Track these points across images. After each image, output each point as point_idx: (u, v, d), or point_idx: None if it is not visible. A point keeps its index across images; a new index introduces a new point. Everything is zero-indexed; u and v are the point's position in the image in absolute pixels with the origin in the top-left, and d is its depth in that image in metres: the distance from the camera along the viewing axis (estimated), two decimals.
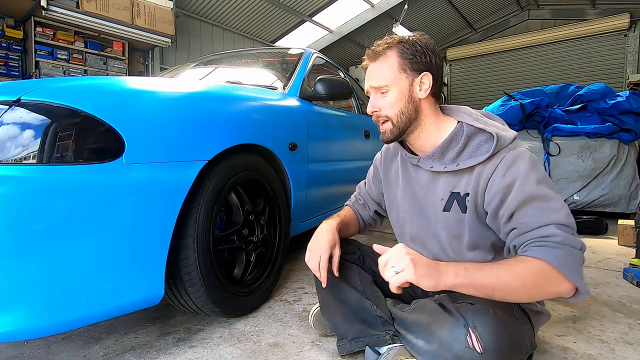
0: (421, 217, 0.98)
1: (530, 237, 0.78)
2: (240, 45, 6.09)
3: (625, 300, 1.51)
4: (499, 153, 0.83)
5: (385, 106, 0.91)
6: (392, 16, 6.62)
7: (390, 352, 0.91)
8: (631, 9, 6.20)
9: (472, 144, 0.87)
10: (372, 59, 0.92)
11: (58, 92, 0.87)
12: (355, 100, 2.81)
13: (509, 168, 0.81)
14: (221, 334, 1.19)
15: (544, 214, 0.78)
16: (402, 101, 0.90)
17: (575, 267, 0.74)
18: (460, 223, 0.89)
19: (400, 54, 0.89)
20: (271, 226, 1.47)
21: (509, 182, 0.80)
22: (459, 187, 0.88)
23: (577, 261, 0.75)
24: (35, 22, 3.74)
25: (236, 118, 1.28)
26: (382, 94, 0.91)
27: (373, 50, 0.92)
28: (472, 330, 0.76)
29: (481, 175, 0.84)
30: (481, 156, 0.84)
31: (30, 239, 0.77)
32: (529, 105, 3.42)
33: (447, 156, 0.90)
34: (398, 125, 0.91)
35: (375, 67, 0.92)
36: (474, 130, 0.88)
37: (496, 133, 0.84)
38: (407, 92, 0.89)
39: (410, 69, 0.89)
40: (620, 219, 2.72)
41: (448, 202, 0.90)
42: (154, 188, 0.95)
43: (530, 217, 0.78)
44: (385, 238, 2.54)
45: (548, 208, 0.78)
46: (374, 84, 0.92)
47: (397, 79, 0.89)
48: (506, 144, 0.84)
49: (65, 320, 0.84)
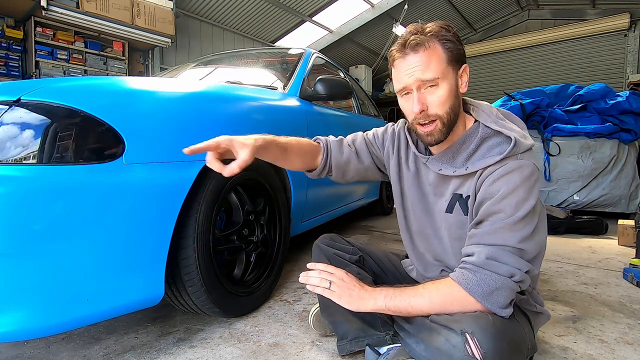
0: (426, 214, 0.96)
1: (465, 251, 0.80)
2: (240, 45, 6.09)
3: (625, 300, 1.51)
4: (507, 159, 0.80)
5: (435, 104, 0.80)
6: (392, 16, 6.63)
7: (390, 352, 0.91)
8: (631, 9, 6.20)
9: (485, 146, 0.83)
10: (414, 49, 0.79)
11: (58, 92, 0.87)
12: (355, 100, 2.81)
13: (502, 177, 0.78)
14: (221, 334, 1.19)
15: (501, 234, 0.76)
16: (452, 97, 0.81)
17: (489, 291, 0.74)
18: (462, 225, 0.88)
19: (444, 44, 0.79)
20: (271, 226, 1.47)
21: (494, 190, 0.78)
22: (463, 189, 0.87)
23: (496, 287, 0.74)
24: (35, 22, 3.74)
25: (236, 118, 1.28)
26: (429, 89, 0.80)
27: (414, 39, 0.79)
28: (471, 337, 0.73)
29: (480, 177, 0.83)
30: (491, 158, 0.81)
31: (30, 239, 0.77)
32: (529, 105, 3.42)
33: (458, 159, 0.86)
34: (448, 124, 0.82)
35: (418, 60, 0.79)
36: (490, 133, 0.84)
37: (515, 138, 0.79)
38: (455, 87, 0.82)
39: (455, 61, 0.81)
40: (620, 219, 2.72)
41: (450, 204, 0.89)
42: (154, 188, 0.95)
43: (488, 231, 0.78)
44: (386, 238, 2.54)
45: (511, 228, 0.76)
46: (424, 77, 0.79)
47: (447, 72, 0.79)
48: (519, 151, 0.80)
49: (65, 320, 0.84)
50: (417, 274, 1.07)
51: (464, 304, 0.76)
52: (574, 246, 2.42)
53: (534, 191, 0.79)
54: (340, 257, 1.09)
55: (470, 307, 0.76)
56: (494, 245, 0.76)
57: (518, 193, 0.77)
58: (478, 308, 0.76)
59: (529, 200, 0.77)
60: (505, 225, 0.76)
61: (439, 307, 0.78)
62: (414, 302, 0.80)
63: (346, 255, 1.09)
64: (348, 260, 1.08)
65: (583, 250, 2.32)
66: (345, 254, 1.10)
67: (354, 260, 1.09)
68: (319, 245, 1.13)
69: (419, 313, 0.81)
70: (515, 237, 0.76)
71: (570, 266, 1.95)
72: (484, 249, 0.77)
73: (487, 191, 0.79)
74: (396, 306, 0.81)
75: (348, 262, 1.08)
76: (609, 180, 3.15)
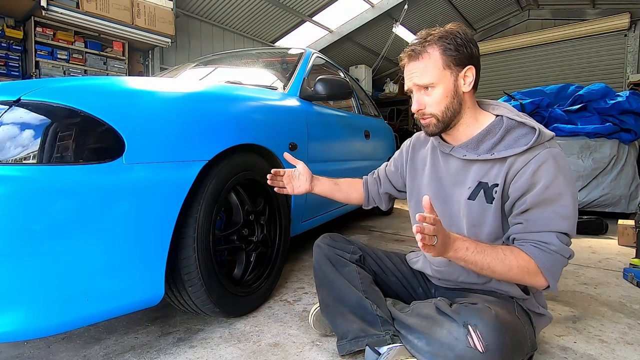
0: (444, 205, 0.98)
1: (532, 238, 0.83)
2: (240, 45, 6.08)
3: (625, 300, 1.51)
4: (535, 148, 0.84)
5: (431, 104, 0.90)
6: (392, 16, 6.62)
7: (390, 352, 0.91)
8: (631, 9, 6.20)
9: (510, 137, 0.87)
10: (414, 57, 0.90)
11: (58, 92, 0.87)
12: (355, 100, 2.81)
13: (540, 166, 0.82)
14: (221, 334, 1.19)
15: (552, 220, 0.82)
16: (448, 97, 0.89)
17: (556, 271, 0.83)
18: (483, 213, 0.90)
19: (443, 50, 0.87)
20: (271, 226, 1.47)
21: (536, 179, 0.82)
22: (488, 177, 0.89)
23: (560, 267, 0.84)
24: (35, 22, 3.73)
25: (236, 118, 1.28)
26: (427, 90, 0.90)
27: (413, 49, 0.90)
28: (473, 329, 0.76)
29: (512, 167, 0.85)
30: (519, 148, 0.84)
31: (30, 239, 0.77)
32: (529, 105, 3.42)
33: (482, 146, 0.90)
34: (443, 120, 0.91)
35: (417, 66, 0.90)
36: (515, 124, 0.88)
37: (538, 127, 0.85)
38: (453, 88, 0.89)
39: (455, 64, 0.88)
40: (620, 219, 2.72)
41: (475, 191, 0.91)
42: (154, 188, 0.95)
43: (539, 219, 0.82)
44: (385, 238, 2.54)
45: (559, 215, 0.81)
46: (419, 82, 0.90)
47: (442, 76, 0.88)
48: (545, 140, 0.85)
49: (65, 320, 0.84)
50: (423, 264, 1.08)
51: (531, 277, 0.82)
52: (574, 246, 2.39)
53: (570, 172, 0.85)
54: (341, 256, 1.09)
55: (533, 281, 0.83)
56: (554, 232, 0.82)
57: (558, 180, 0.82)
58: (540, 282, 0.83)
59: (571, 183, 0.84)
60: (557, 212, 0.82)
61: (512, 276, 0.83)
62: (494, 265, 0.82)
63: (347, 255, 1.10)
64: (348, 260, 1.09)
65: (583, 250, 2.32)
66: (346, 253, 1.10)
67: (354, 260, 1.09)
68: (320, 244, 1.13)
69: (488, 274, 0.84)
70: (566, 224, 0.82)
71: (570, 266, 1.95)
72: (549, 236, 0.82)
73: (528, 182, 0.83)
74: (475, 261, 0.82)
75: (348, 262, 1.08)
76: (609, 180, 3.15)
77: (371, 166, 2.56)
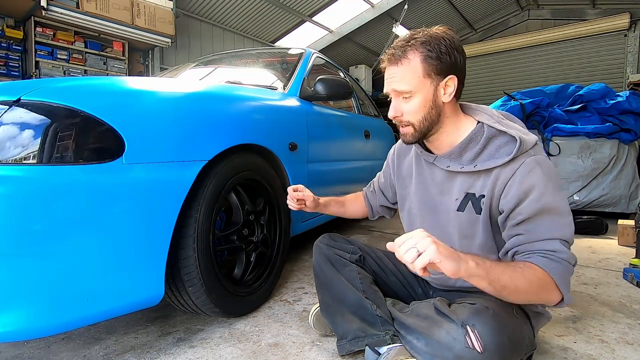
0: (433, 215, 0.97)
1: (537, 247, 0.80)
2: (240, 45, 6.09)
3: (625, 300, 1.51)
4: (519, 157, 0.82)
5: (408, 112, 0.87)
6: (392, 16, 6.63)
7: (390, 352, 0.91)
8: (631, 9, 6.20)
9: (492, 146, 0.85)
10: (393, 62, 0.86)
11: (58, 92, 0.87)
12: (355, 100, 2.81)
13: (528, 174, 0.80)
14: (221, 334, 1.19)
15: (553, 228, 0.80)
16: (426, 107, 0.86)
17: (567, 281, 0.79)
18: (473, 224, 0.89)
19: (425, 57, 0.83)
20: (271, 226, 1.47)
21: (526, 189, 0.80)
22: (475, 189, 0.87)
23: (569, 275, 0.80)
24: (35, 22, 3.74)
25: (236, 118, 1.28)
26: (405, 99, 0.87)
27: (393, 52, 0.86)
28: (472, 330, 0.76)
29: (498, 178, 0.83)
30: (501, 159, 0.82)
31: (30, 239, 0.77)
32: (529, 105, 3.42)
33: (464, 156, 0.88)
34: (420, 130, 0.88)
35: (396, 71, 0.86)
36: (495, 132, 0.85)
37: (519, 137, 0.82)
38: (432, 97, 0.85)
39: (435, 73, 0.84)
40: (620, 219, 2.72)
41: (462, 203, 0.90)
42: (154, 188, 0.95)
43: (540, 228, 0.80)
44: (385, 238, 2.54)
45: (558, 222, 0.80)
46: (397, 88, 0.86)
47: (421, 85, 0.84)
48: (527, 148, 0.82)
49: (65, 320, 0.84)
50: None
51: (545, 290, 0.78)
52: (574, 246, 2.40)
53: (558, 178, 0.84)
54: (341, 256, 1.09)
55: (548, 295, 0.78)
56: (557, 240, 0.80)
57: (549, 187, 0.80)
58: (554, 296, 0.79)
59: (561, 189, 0.83)
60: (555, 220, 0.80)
61: (534, 290, 0.77)
62: (515, 277, 0.74)
63: (346, 255, 1.10)
64: (348, 260, 1.09)
65: (583, 250, 2.32)
66: (346, 253, 1.10)
67: (354, 260, 1.09)
68: (319, 244, 1.13)
69: (511, 291, 0.74)
70: (566, 230, 0.81)
71: None
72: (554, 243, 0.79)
73: (519, 193, 0.80)
74: (497, 275, 0.73)
75: (348, 261, 1.08)
76: (609, 180, 3.15)
77: (371, 166, 2.57)
